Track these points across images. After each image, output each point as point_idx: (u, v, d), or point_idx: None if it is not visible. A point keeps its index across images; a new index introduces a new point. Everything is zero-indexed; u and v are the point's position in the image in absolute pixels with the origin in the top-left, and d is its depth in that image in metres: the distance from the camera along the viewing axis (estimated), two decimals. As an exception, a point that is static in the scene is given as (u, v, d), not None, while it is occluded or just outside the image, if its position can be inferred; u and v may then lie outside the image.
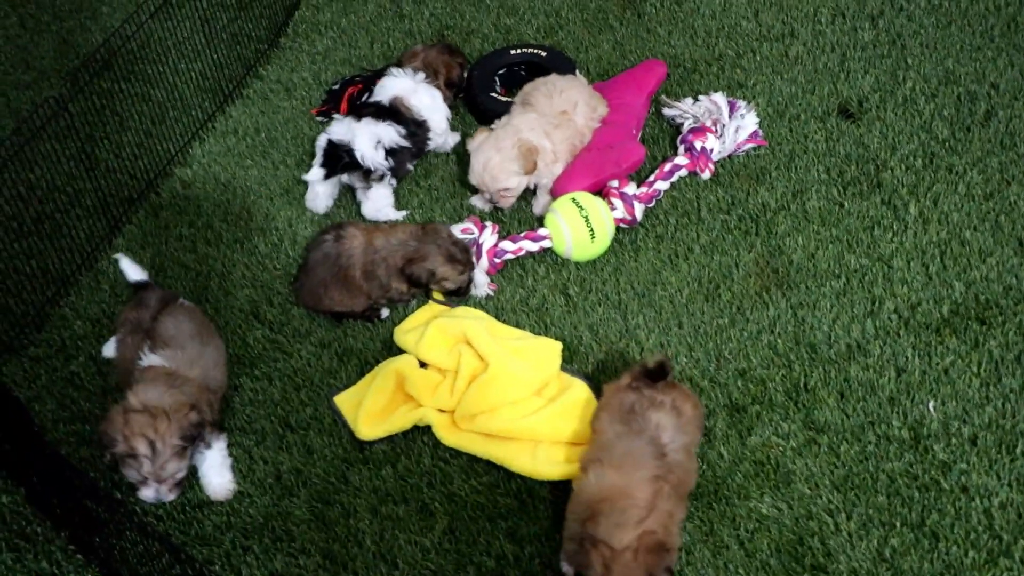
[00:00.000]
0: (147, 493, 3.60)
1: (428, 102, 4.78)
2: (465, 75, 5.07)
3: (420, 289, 4.25)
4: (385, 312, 4.32)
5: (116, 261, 4.29)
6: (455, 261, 4.20)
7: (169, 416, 3.54)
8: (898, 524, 3.49)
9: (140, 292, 4.13)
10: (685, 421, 3.45)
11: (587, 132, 4.69)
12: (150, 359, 3.78)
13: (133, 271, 4.22)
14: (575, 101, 4.66)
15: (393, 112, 4.68)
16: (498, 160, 4.47)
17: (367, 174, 4.58)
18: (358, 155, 4.54)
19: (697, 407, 3.57)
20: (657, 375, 3.50)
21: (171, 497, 3.63)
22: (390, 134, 4.60)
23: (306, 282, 4.30)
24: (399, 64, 4.94)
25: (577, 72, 5.06)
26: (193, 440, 3.61)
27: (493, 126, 4.71)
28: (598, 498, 3.27)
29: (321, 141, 4.61)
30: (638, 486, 3.24)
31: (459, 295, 4.28)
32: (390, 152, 4.60)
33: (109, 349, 4.17)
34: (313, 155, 4.75)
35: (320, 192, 4.70)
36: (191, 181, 4.92)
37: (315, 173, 4.58)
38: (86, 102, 4.71)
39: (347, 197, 4.79)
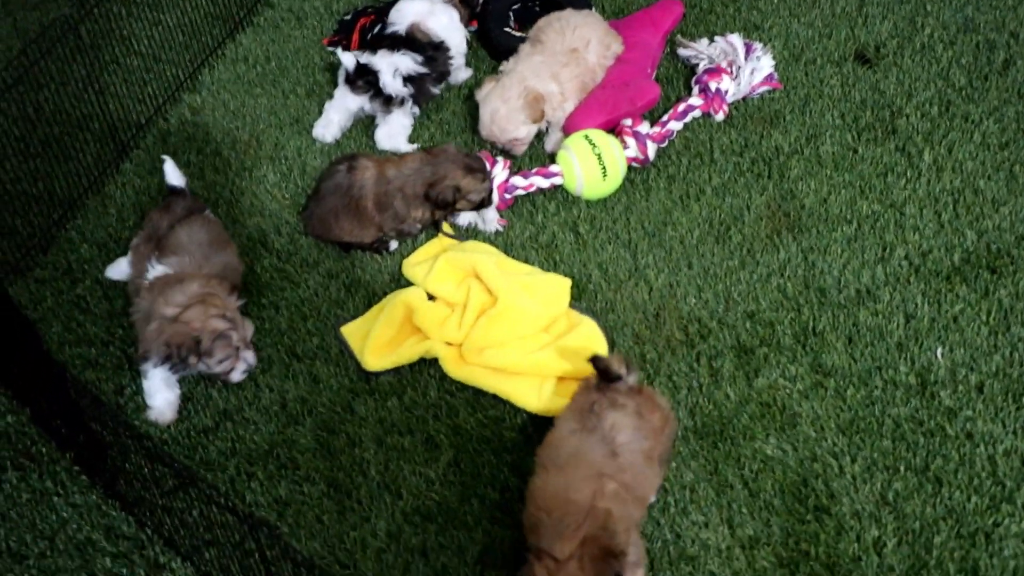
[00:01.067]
0: (240, 369, 3.78)
1: (445, 22, 4.73)
2: None
3: (445, 211, 4.22)
4: (393, 244, 4.30)
5: (163, 162, 4.29)
6: (474, 171, 4.18)
7: (213, 291, 3.69)
8: (902, 468, 3.50)
9: (171, 197, 4.15)
10: (649, 429, 3.29)
11: (599, 70, 4.64)
12: (156, 270, 3.81)
13: (174, 175, 4.22)
14: (587, 39, 4.60)
15: (409, 41, 4.63)
16: (505, 111, 4.43)
17: (388, 100, 4.55)
18: (381, 82, 4.50)
19: (667, 420, 3.39)
20: (606, 375, 3.36)
21: (256, 359, 3.84)
22: (406, 63, 4.56)
23: (316, 210, 4.27)
24: None
25: (592, 8, 4.99)
26: (244, 299, 3.82)
27: (501, 69, 4.66)
28: (539, 505, 3.15)
29: (350, 61, 4.55)
30: (579, 487, 3.10)
31: (483, 206, 4.25)
32: (409, 79, 4.55)
33: (112, 270, 4.15)
34: (324, 84, 4.71)
35: (334, 119, 4.67)
36: (200, 108, 4.88)
37: (340, 91, 4.61)
38: (94, 24, 4.66)
39: (356, 130, 4.75)
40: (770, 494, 3.49)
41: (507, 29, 4.99)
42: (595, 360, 3.38)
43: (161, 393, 3.79)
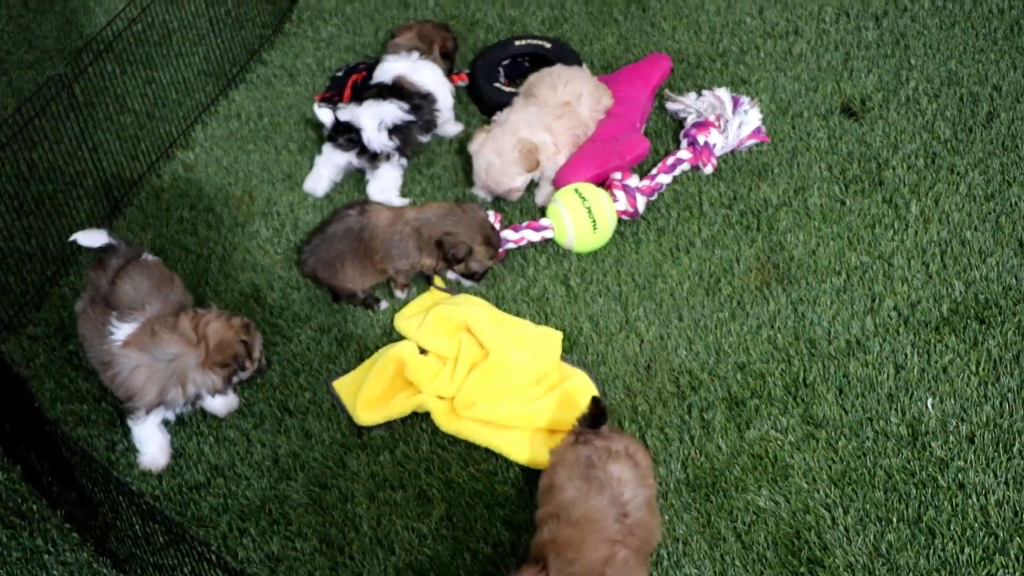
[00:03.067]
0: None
1: (430, 76, 4.80)
2: (457, 46, 5.10)
3: (449, 265, 4.24)
4: (383, 304, 4.31)
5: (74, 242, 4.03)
6: (490, 245, 4.22)
7: (206, 312, 3.78)
8: (895, 520, 3.50)
9: (101, 254, 3.94)
10: (643, 472, 3.28)
11: (591, 123, 4.70)
12: (123, 329, 3.75)
13: (90, 239, 3.94)
14: (579, 92, 4.66)
15: (396, 90, 4.68)
16: (500, 164, 4.48)
17: (374, 156, 4.59)
18: (364, 138, 4.54)
19: (647, 455, 3.40)
20: (597, 418, 3.36)
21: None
22: (393, 111, 4.61)
23: (324, 252, 4.28)
24: (392, 37, 4.97)
25: (582, 64, 5.05)
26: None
27: (494, 119, 4.71)
28: (546, 544, 3.12)
29: (327, 118, 4.59)
30: (591, 546, 3.07)
31: (475, 279, 4.28)
32: (394, 131, 4.59)
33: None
34: (315, 140, 4.75)
35: (324, 175, 4.71)
36: (193, 164, 4.91)
37: (326, 148, 4.65)
38: (88, 83, 4.70)
39: (348, 184, 4.78)
40: (763, 547, 3.48)
41: (497, 84, 5.05)
42: (595, 402, 3.38)
43: (153, 439, 3.80)
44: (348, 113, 4.59)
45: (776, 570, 3.42)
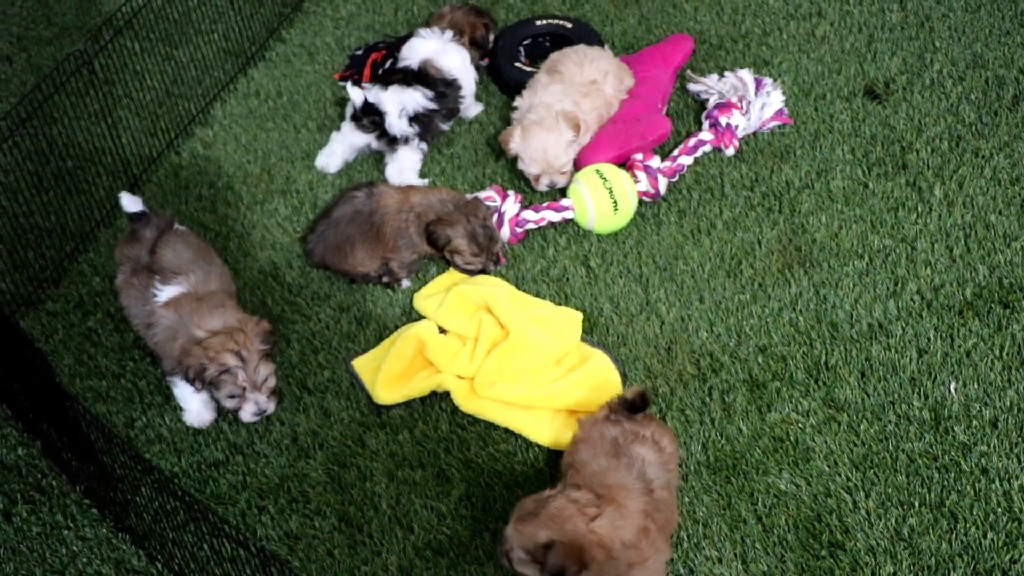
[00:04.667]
0: (248, 410, 3.73)
1: (458, 62, 4.77)
2: (491, 36, 5.05)
3: (436, 251, 4.22)
4: (406, 283, 4.29)
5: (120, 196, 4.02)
6: (475, 242, 4.16)
7: (242, 328, 3.65)
8: (917, 504, 3.48)
9: (134, 225, 3.97)
10: (667, 458, 3.32)
11: (615, 103, 4.67)
12: (167, 291, 3.78)
13: (131, 203, 3.96)
14: (605, 71, 4.64)
15: (421, 76, 4.65)
16: (553, 140, 4.41)
17: (393, 140, 4.57)
18: (387, 122, 4.52)
19: (674, 442, 3.43)
20: (637, 406, 3.39)
21: (272, 407, 3.76)
22: (416, 99, 4.58)
23: (331, 238, 4.26)
24: (427, 25, 4.92)
25: (604, 45, 5.02)
26: (271, 344, 3.72)
27: (515, 104, 4.66)
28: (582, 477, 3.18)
29: (359, 97, 4.56)
30: (630, 513, 3.09)
31: (466, 271, 4.26)
32: (415, 118, 4.57)
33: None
34: (334, 119, 4.73)
35: (337, 152, 4.69)
36: (212, 142, 4.90)
37: (346, 127, 4.63)
38: (107, 59, 4.69)
39: (367, 164, 4.76)
40: (784, 529, 3.46)
41: (518, 64, 5.02)
42: (637, 394, 3.37)
43: (196, 397, 3.81)
44: (373, 95, 4.56)
45: (797, 553, 3.40)
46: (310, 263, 4.36)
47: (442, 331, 4.06)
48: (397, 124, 4.55)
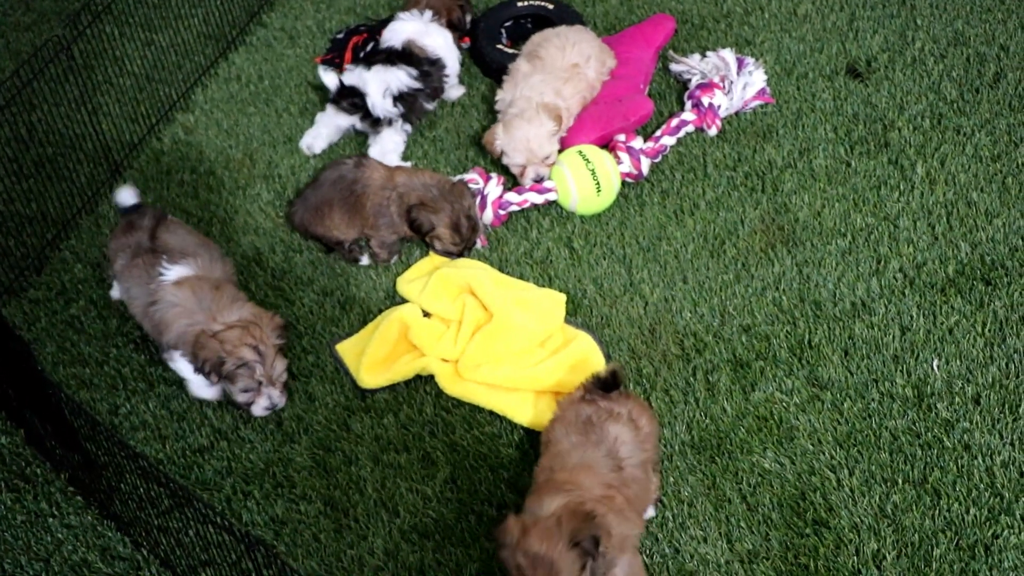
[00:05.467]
0: (261, 404, 3.73)
1: (441, 41, 4.76)
2: (467, 17, 5.04)
3: (417, 235, 4.21)
4: (364, 260, 4.31)
5: (119, 187, 4.10)
6: (457, 231, 4.16)
7: (257, 322, 3.66)
8: (900, 481, 3.49)
9: (129, 216, 4.00)
10: (643, 436, 3.28)
11: (597, 85, 4.66)
12: (174, 271, 3.78)
13: (129, 195, 4.04)
14: (587, 54, 4.62)
15: (405, 56, 4.64)
16: (535, 132, 4.38)
17: (376, 122, 4.55)
18: (368, 103, 4.50)
19: (653, 420, 3.40)
20: (610, 384, 3.37)
21: (283, 401, 3.77)
22: (400, 78, 4.57)
23: (312, 198, 4.27)
24: (404, 9, 4.90)
25: (584, 24, 5.00)
26: (285, 339, 3.75)
27: (498, 98, 4.63)
28: (541, 484, 3.14)
29: (332, 82, 4.55)
30: (589, 486, 3.06)
31: (445, 255, 4.26)
32: (400, 98, 4.55)
33: (117, 291, 4.11)
34: (316, 103, 4.71)
35: (323, 133, 4.69)
36: (193, 127, 4.88)
37: (330, 108, 4.61)
38: (87, 45, 4.66)
39: (352, 146, 4.75)
40: (768, 508, 3.48)
41: (499, 46, 5.00)
42: (609, 372, 3.36)
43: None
44: (356, 77, 4.55)
45: (781, 531, 3.42)
46: (290, 226, 4.36)
47: (426, 314, 4.05)
48: (381, 104, 4.53)
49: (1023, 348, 3.79)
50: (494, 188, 4.35)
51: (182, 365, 3.78)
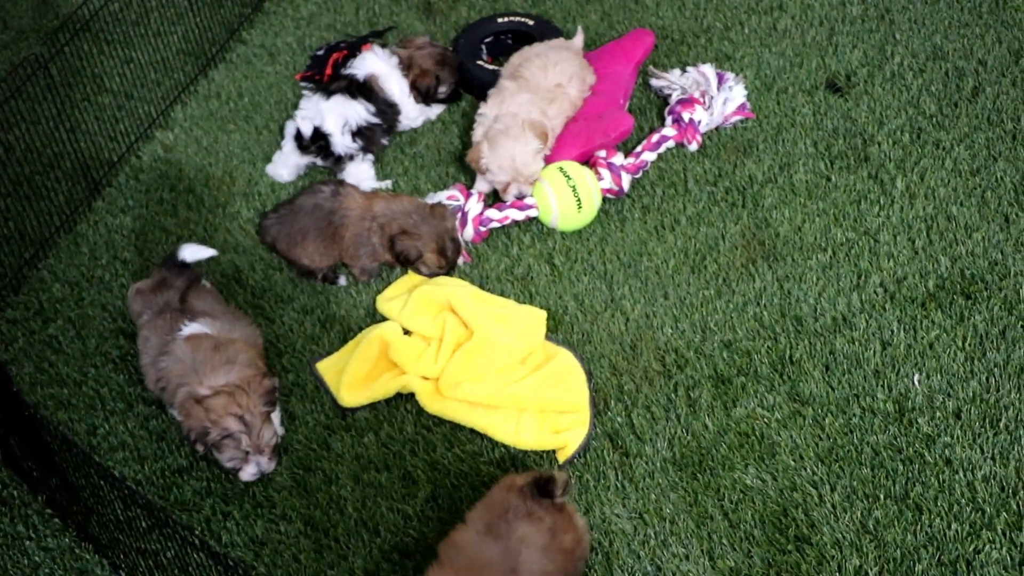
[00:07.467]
0: (249, 471, 3.63)
1: (397, 91, 4.74)
2: (442, 88, 4.90)
3: (400, 263, 4.19)
4: (342, 281, 4.29)
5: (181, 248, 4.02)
6: (443, 255, 4.16)
7: (244, 388, 3.54)
8: (882, 496, 3.49)
9: (166, 273, 3.95)
10: (558, 550, 3.09)
11: (579, 103, 4.65)
12: (191, 327, 3.73)
13: (192, 254, 4.00)
14: (570, 74, 4.61)
15: (366, 90, 4.63)
16: (520, 149, 4.36)
17: (338, 160, 4.55)
18: (331, 143, 4.50)
19: (579, 542, 3.20)
20: (544, 490, 3.13)
21: (272, 466, 3.66)
22: (359, 112, 4.56)
23: (288, 225, 4.24)
24: (399, 43, 4.88)
25: (562, 37, 4.99)
26: (274, 404, 3.63)
27: (480, 112, 4.61)
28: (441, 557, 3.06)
29: (290, 129, 4.58)
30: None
31: (426, 276, 4.25)
32: (358, 133, 4.55)
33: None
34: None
35: (291, 163, 4.65)
36: (172, 145, 4.86)
37: (287, 147, 4.62)
38: (65, 62, 4.64)
39: (317, 171, 4.73)
40: (750, 525, 3.47)
41: (480, 62, 5.00)
42: (546, 479, 3.15)
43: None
44: (312, 107, 4.55)
45: (764, 548, 3.41)
46: (262, 240, 4.35)
47: (406, 332, 4.04)
48: (341, 142, 4.52)
49: (1003, 362, 3.80)
50: (475, 204, 4.35)
51: None
